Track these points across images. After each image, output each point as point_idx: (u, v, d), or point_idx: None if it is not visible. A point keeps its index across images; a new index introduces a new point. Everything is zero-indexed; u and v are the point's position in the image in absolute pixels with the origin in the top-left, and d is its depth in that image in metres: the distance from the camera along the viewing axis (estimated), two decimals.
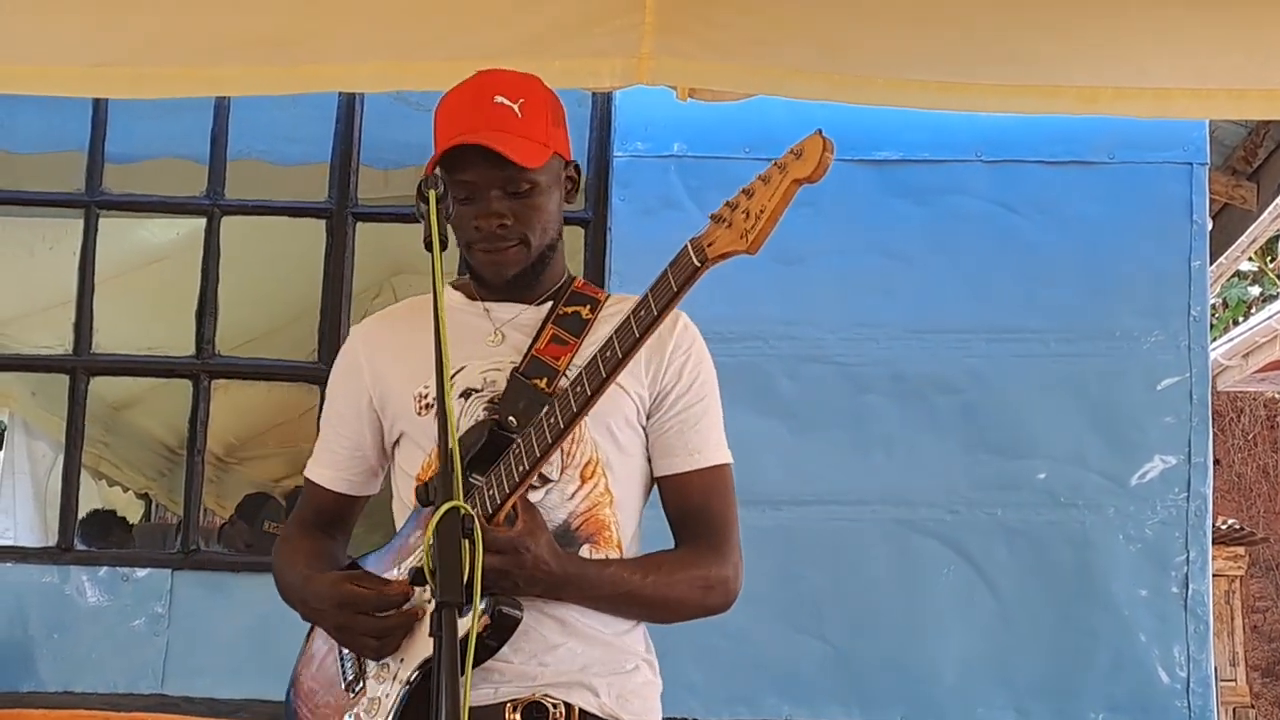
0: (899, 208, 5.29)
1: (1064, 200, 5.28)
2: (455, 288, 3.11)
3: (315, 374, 5.50)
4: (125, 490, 9.79)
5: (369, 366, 3.09)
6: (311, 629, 3.10)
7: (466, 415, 2.93)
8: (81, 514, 5.93)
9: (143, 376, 6.69)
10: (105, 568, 5.40)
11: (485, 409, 2.91)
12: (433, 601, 2.44)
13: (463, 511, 2.41)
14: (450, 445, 2.48)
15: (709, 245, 2.50)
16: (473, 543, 2.43)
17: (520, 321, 3.01)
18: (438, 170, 2.88)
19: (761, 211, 2.44)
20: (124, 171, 5.77)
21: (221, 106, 5.57)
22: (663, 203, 5.31)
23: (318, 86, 4.79)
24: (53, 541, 5.65)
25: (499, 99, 2.92)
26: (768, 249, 2.43)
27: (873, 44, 4.55)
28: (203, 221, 5.62)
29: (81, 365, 5.59)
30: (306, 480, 3.24)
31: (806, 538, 5.14)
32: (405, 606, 2.85)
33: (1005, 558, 5.16)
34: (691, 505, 2.94)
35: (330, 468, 3.19)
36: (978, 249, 5.28)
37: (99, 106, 5.57)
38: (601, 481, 2.92)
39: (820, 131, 2.41)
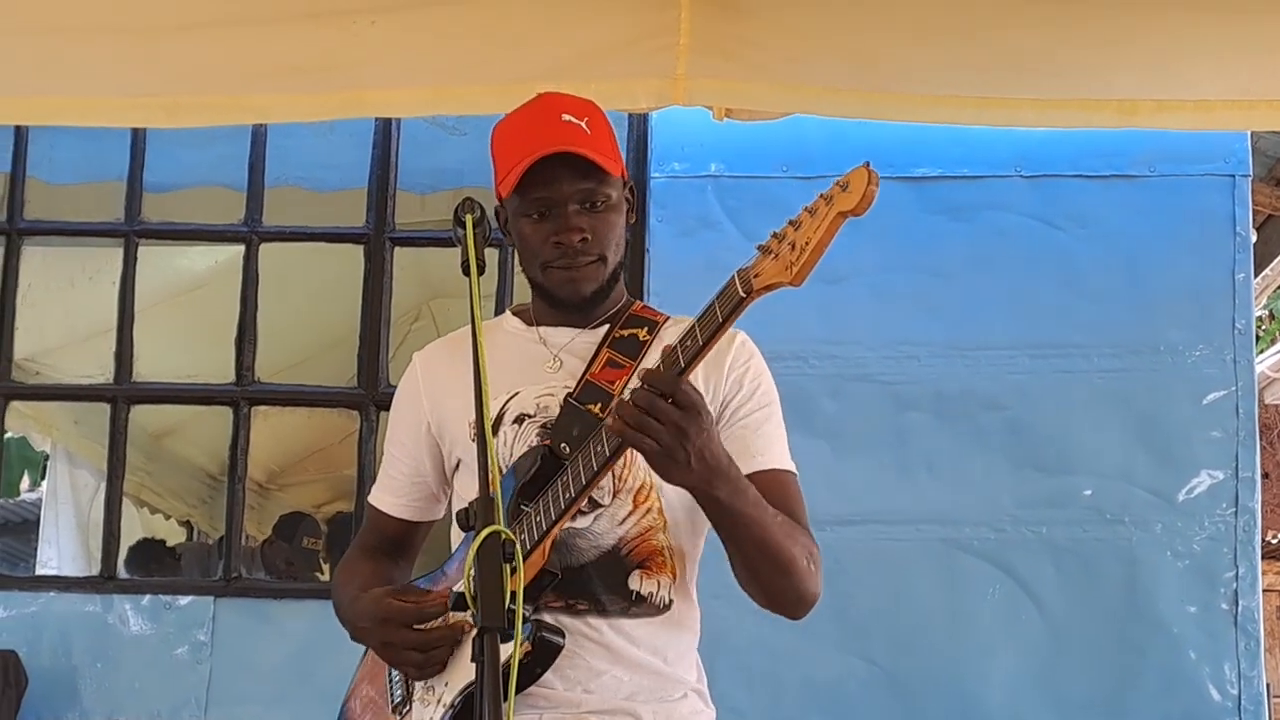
0: (939, 225, 5.27)
1: (1105, 214, 5.25)
2: (514, 314, 3.12)
3: (355, 399, 5.51)
4: (167, 518, 9.81)
5: (427, 393, 3.09)
6: (365, 653, 3.09)
7: (520, 441, 2.91)
8: (124, 542, 5.93)
9: (183, 404, 6.70)
10: (148, 596, 5.41)
11: (538, 434, 2.90)
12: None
13: (503, 536, 2.39)
14: (490, 469, 2.47)
15: (755, 276, 2.48)
16: (514, 568, 2.40)
17: (576, 346, 2.99)
18: (508, 197, 2.91)
19: (807, 243, 2.41)
20: (163, 200, 5.79)
21: (259, 134, 5.58)
22: (700, 223, 5.30)
23: (354, 112, 4.81)
24: (96, 570, 5.67)
25: (566, 117, 2.92)
26: None
27: (909, 60, 4.54)
28: (241, 248, 5.64)
29: (123, 394, 5.60)
30: (369, 505, 3.24)
31: (852, 558, 5.10)
32: (446, 619, 2.84)
33: (1052, 576, 5.12)
34: (773, 504, 2.83)
35: (391, 493, 3.18)
36: (1019, 265, 5.24)
37: (137, 136, 5.60)
38: (655, 506, 2.89)
39: (867, 164, 2.38)
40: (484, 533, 2.38)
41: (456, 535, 3.03)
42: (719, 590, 3.00)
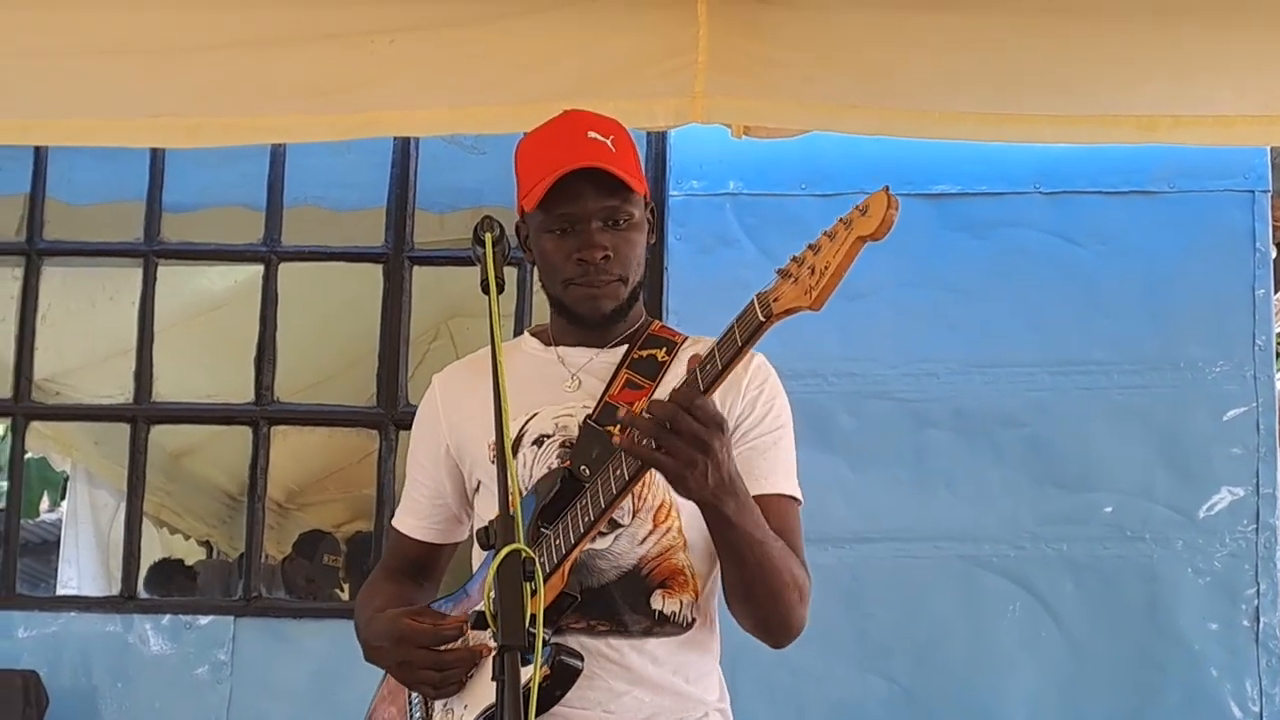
0: (958, 241, 5.25)
1: (1124, 230, 5.23)
2: (532, 334, 3.12)
3: (374, 419, 5.51)
4: (186, 538, 9.83)
5: (446, 415, 3.09)
6: (386, 673, 3.08)
7: (539, 463, 2.92)
8: (144, 562, 5.94)
9: (203, 424, 6.71)
10: (168, 616, 5.41)
11: (558, 456, 2.89)
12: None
13: (524, 555, 2.39)
14: (510, 487, 2.46)
15: (774, 300, 2.47)
16: (534, 587, 2.40)
17: (594, 366, 2.99)
18: (531, 212, 2.92)
19: (826, 268, 2.40)
20: (182, 220, 5.80)
21: (277, 154, 5.59)
22: (719, 241, 5.29)
23: (373, 132, 4.82)
24: (116, 590, 5.67)
25: (592, 134, 2.93)
26: None
27: (927, 77, 4.54)
28: (260, 268, 5.64)
29: (142, 414, 5.60)
30: (391, 528, 3.25)
31: (871, 576, 5.10)
32: (463, 642, 2.85)
33: (1072, 593, 5.10)
34: (772, 529, 2.83)
35: (413, 516, 3.19)
36: (1038, 281, 5.23)
37: (156, 156, 5.60)
38: (675, 525, 2.88)
39: (887, 188, 2.37)
40: (504, 551, 2.38)
41: (478, 556, 3.03)
42: None
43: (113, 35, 4.57)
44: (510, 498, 2.44)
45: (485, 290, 2.71)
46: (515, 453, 2.92)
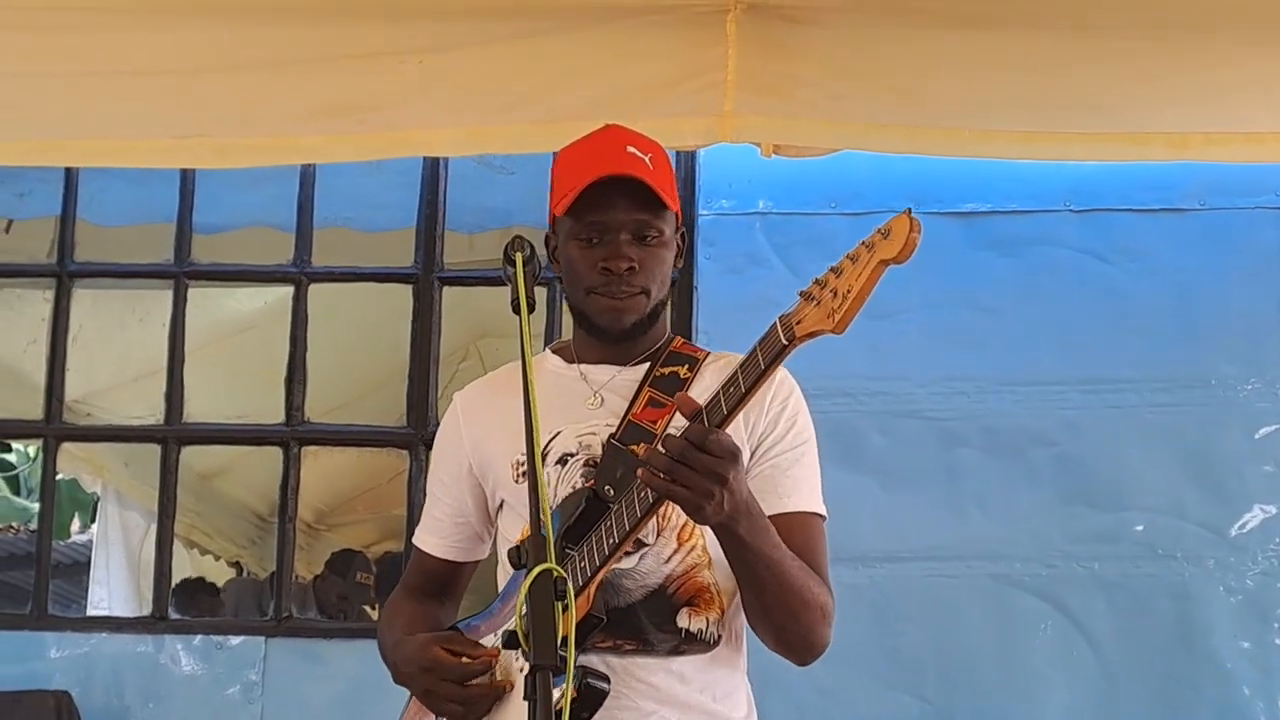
0: (988, 260, 5.25)
1: (1155, 248, 5.22)
2: (554, 351, 3.11)
3: (404, 439, 5.52)
4: (216, 559, 9.84)
5: (468, 434, 3.08)
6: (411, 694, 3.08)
7: (564, 482, 2.90)
8: (175, 583, 5.96)
9: (234, 445, 6.73)
10: (199, 636, 5.42)
11: (582, 475, 2.89)
12: (524, 667, 2.41)
13: (555, 574, 2.38)
14: (541, 507, 2.46)
15: (797, 324, 2.45)
16: (565, 606, 2.39)
17: (617, 384, 2.98)
18: (561, 217, 2.92)
19: (849, 291, 2.38)
20: (212, 242, 5.82)
21: (307, 175, 5.61)
22: (749, 260, 5.29)
23: (402, 152, 4.84)
24: (147, 611, 5.68)
25: (630, 149, 2.93)
26: None
27: (957, 95, 4.53)
28: (290, 289, 5.66)
29: (173, 435, 5.62)
30: (414, 547, 3.24)
31: (902, 595, 5.09)
32: (489, 677, 2.84)
33: (1104, 611, 5.09)
34: (794, 547, 2.81)
35: (435, 534, 3.18)
36: (1069, 299, 5.22)
37: (186, 178, 5.62)
38: (699, 543, 2.86)
39: (909, 211, 2.36)
40: (536, 570, 2.37)
41: (503, 574, 3.03)
42: None
43: (142, 57, 4.58)
44: (542, 517, 2.44)
45: (516, 310, 2.71)
46: None
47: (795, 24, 4.46)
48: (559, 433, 2.93)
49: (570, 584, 2.56)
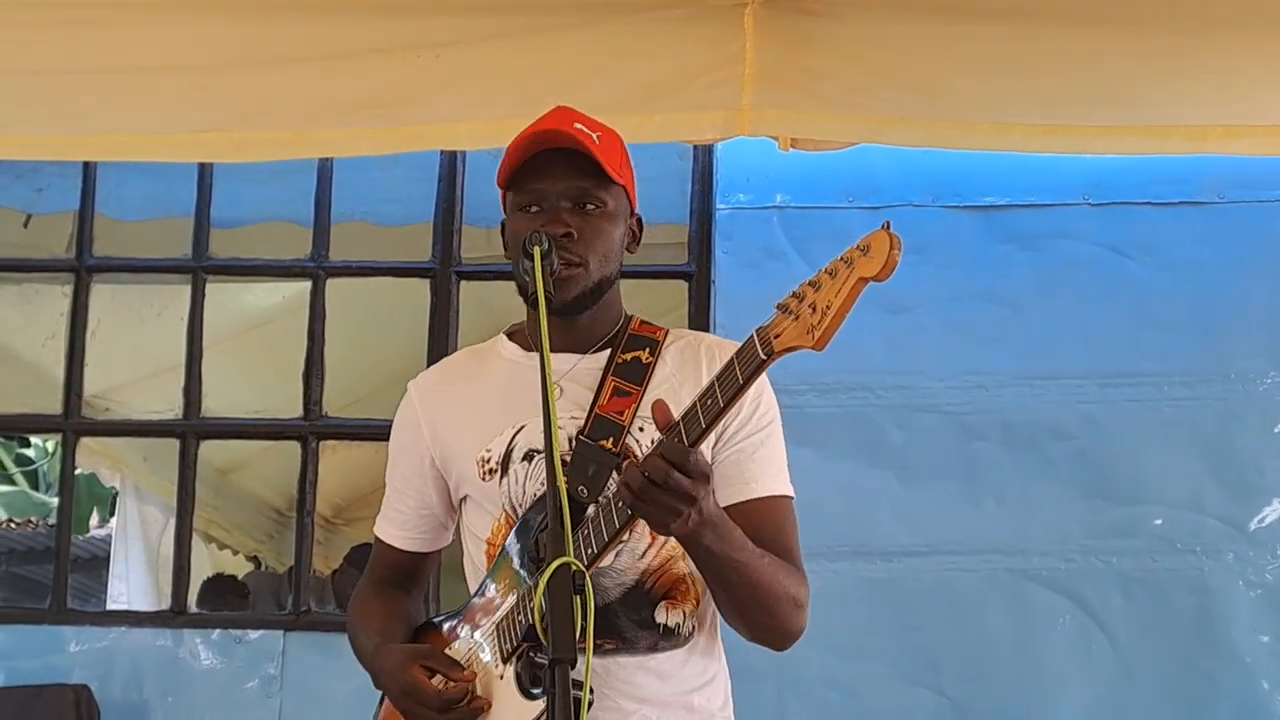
0: (1006, 253, 5.24)
1: (1174, 242, 5.21)
2: (509, 337, 3.06)
3: None
4: (235, 553, 9.85)
5: (428, 427, 3.05)
6: None
7: (532, 479, 2.88)
8: (193, 577, 5.97)
9: (252, 439, 6.74)
10: (218, 630, 5.42)
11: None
12: (504, 674, 2.55)
13: (574, 568, 2.38)
14: (560, 503, 2.44)
15: (775, 338, 2.42)
16: (584, 600, 2.39)
17: (578, 373, 2.94)
18: (506, 191, 2.91)
19: (828, 307, 2.34)
20: (229, 236, 5.82)
21: (324, 169, 5.61)
22: (766, 254, 5.28)
23: (419, 146, 4.83)
24: (166, 605, 5.69)
25: (578, 125, 2.90)
26: (875, 297, 2.38)
27: (975, 88, 4.53)
28: (308, 284, 5.66)
29: (191, 430, 5.63)
30: (376, 538, 3.20)
31: (920, 589, 5.08)
32: (469, 699, 2.83)
33: (1122, 606, 5.08)
34: (764, 534, 2.81)
35: (398, 526, 3.15)
36: (1087, 293, 5.21)
37: (204, 172, 5.63)
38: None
39: (887, 225, 2.31)
40: (554, 564, 2.37)
41: (471, 571, 3.02)
42: None
43: (159, 52, 4.60)
44: (561, 511, 2.43)
45: (531, 304, 2.70)
46: (505, 470, 2.89)
47: (813, 17, 4.46)
48: (523, 426, 2.89)
49: (545, 594, 2.58)
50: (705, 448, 2.67)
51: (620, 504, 2.60)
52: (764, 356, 2.43)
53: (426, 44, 4.51)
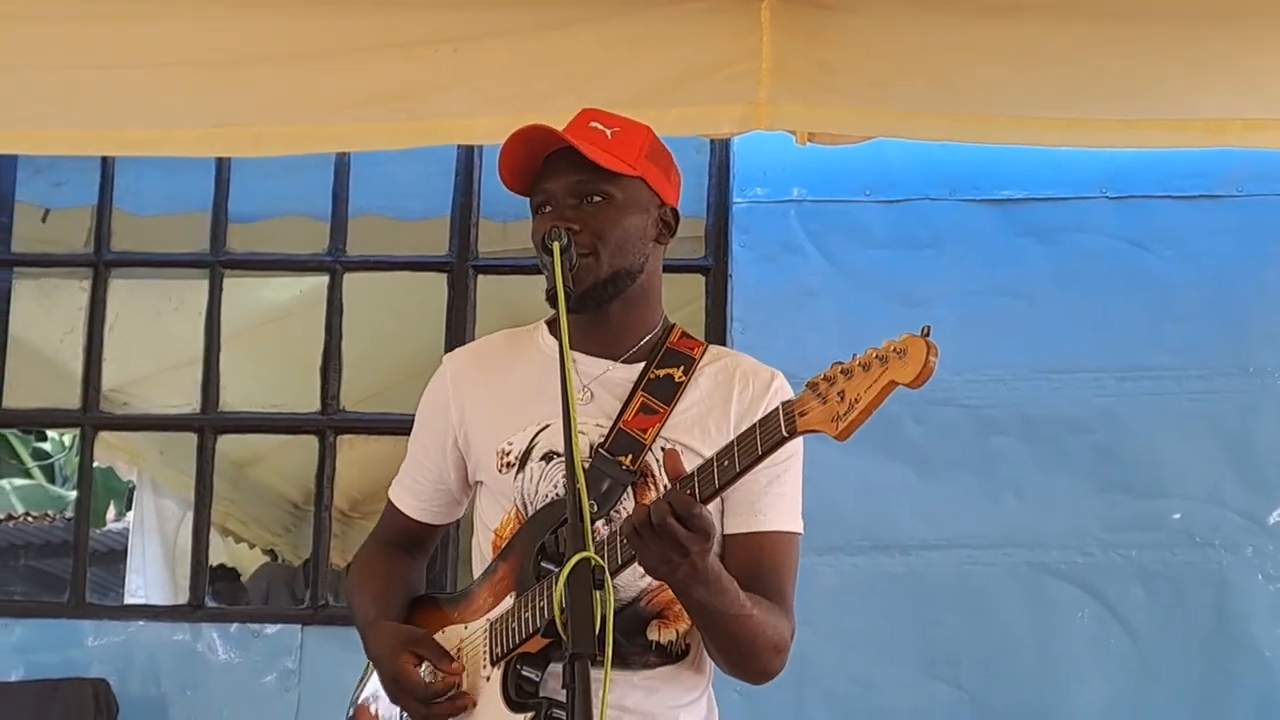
0: (1024, 247, 5.23)
1: (1193, 235, 5.20)
2: (549, 326, 3.06)
3: None
4: (252, 547, 9.86)
5: (456, 406, 3.05)
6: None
7: (545, 480, 2.89)
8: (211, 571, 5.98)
9: (269, 434, 6.75)
10: (235, 624, 5.43)
11: (564, 479, 2.79)
12: (490, 675, 2.60)
13: (594, 564, 2.38)
14: (580, 499, 2.44)
15: (800, 417, 2.44)
16: (603, 594, 2.39)
17: (609, 380, 2.94)
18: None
19: (856, 400, 2.36)
20: (247, 231, 5.83)
21: (342, 164, 5.60)
22: (783, 248, 5.27)
23: (437, 140, 4.83)
24: (183, 599, 5.70)
25: (594, 124, 2.93)
26: (892, 291, 2.38)
27: (992, 82, 4.52)
28: (325, 278, 5.66)
29: (209, 424, 5.63)
30: (390, 502, 3.22)
31: (938, 582, 5.08)
32: (451, 696, 2.85)
33: (1141, 600, 5.07)
34: (763, 568, 2.84)
35: (414, 496, 3.17)
36: (1105, 286, 5.20)
37: (221, 167, 5.63)
38: None
39: (926, 331, 2.33)
40: (574, 559, 2.37)
41: (477, 557, 3.03)
42: (806, 617, 3.00)
43: (176, 47, 4.60)
44: (580, 506, 2.43)
45: (551, 300, 2.70)
46: (522, 466, 2.90)
47: (830, 11, 4.46)
48: (547, 426, 2.90)
49: (538, 609, 2.69)
50: None
51: (624, 541, 2.61)
52: (785, 435, 2.46)
53: (443, 39, 4.51)
